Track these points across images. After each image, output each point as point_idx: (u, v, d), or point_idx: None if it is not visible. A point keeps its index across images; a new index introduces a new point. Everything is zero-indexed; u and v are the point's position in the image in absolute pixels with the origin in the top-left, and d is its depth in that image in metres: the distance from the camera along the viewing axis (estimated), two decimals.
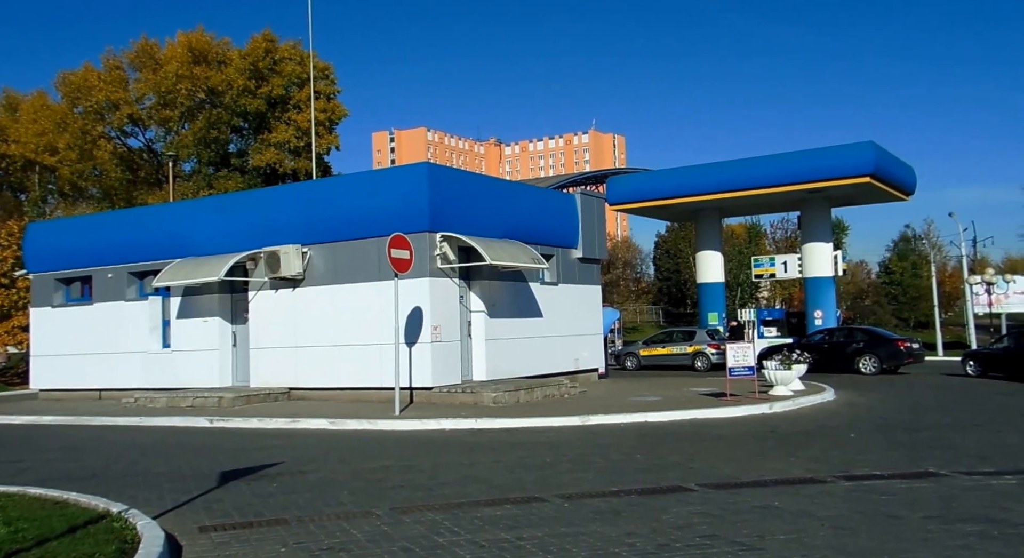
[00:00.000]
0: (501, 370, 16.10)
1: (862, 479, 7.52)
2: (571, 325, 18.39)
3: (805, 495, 6.85)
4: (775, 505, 6.47)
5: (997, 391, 16.65)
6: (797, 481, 7.48)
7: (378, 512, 6.48)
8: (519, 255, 15.70)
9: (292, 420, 12.67)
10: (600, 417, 12.43)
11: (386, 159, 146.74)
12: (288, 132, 35.95)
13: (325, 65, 37.97)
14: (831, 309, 26.36)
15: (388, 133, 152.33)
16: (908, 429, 11.18)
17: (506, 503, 6.73)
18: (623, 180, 29.47)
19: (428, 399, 14.68)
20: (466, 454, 9.60)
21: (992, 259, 61.40)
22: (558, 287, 18.16)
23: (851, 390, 16.97)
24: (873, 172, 23.34)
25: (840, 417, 12.59)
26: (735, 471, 8.06)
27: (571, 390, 16.15)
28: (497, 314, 16.23)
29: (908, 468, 8.04)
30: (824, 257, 26.37)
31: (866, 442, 10.03)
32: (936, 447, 9.51)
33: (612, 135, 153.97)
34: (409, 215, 14.73)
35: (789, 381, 14.87)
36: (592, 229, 19.15)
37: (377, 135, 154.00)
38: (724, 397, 14.29)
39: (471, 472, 8.34)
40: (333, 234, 15.55)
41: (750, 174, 24.89)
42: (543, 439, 10.72)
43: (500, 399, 14.21)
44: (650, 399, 14.79)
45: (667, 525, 5.87)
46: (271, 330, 16.00)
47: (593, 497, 6.92)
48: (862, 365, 21.30)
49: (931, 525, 5.71)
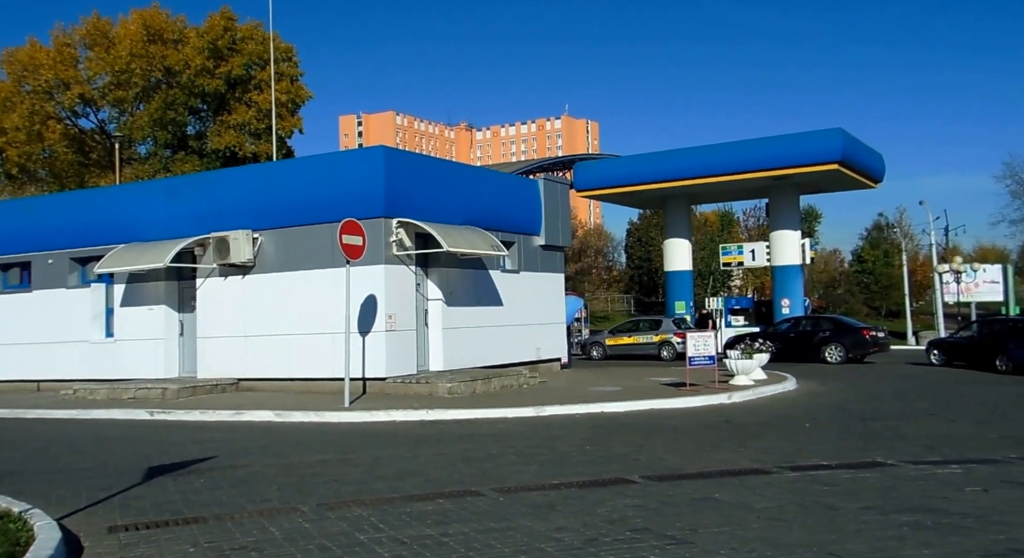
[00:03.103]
0: (459, 360, 15.77)
1: (808, 469, 7.34)
2: (533, 314, 18.09)
3: (747, 486, 6.64)
4: (715, 497, 6.25)
5: (958, 380, 16.71)
6: (742, 472, 7.27)
7: (303, 508, 6.14)
8: (478, 242, 15.35)
9: (236, 412, 12.24)
10: (555, 408, 12.18)
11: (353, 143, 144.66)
12: (249, 114, 35.01)
13: (287, 46, 37.07)
14: (799, 297, 26.39)
15: (356, 117, 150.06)
16: (864, 418, 11.07)
17: (439, 497, 6.42)
18: (590, 166, 29.16)
19: (382, 390, 14.31)
20: (411, 447, 9.28)
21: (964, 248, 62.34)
22: (520, 275, 17.84)
23: (814, 379, 16.92)
24: (841, 159, 23.30)
25: (798, 407, 12.47)
26: (681, 462, 7.84)
27: (530, 380, 15.87)
28: (455, 302, 15.87)
29: (856, 458, 7.88)
30: (792, 245, 26.35)
31: (820, 432, 9.89)
32: (888, 437, 9.39)
33: (585, 121, 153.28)
34: (364, 200, 14.29)
35: (750, 370, 14.74)
36: (555, 216, 18.83)
37: (344, 119, 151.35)
38: (684, 387, 14.11)
39: (411, 465, 8.02)
40: (285, 219, 15.06)
41: (718, 160, 24.74)
42: (494, 431, 10.43)
43: (456, 390, 13.88)
44: (609, 389, 14.57)
45: (600, 519, 5.60)
46: (220, 319, 15.49)
47: (531, 491, 6.64)
48: (828, 354, 21.33)
49: (867, 516, 5.52)
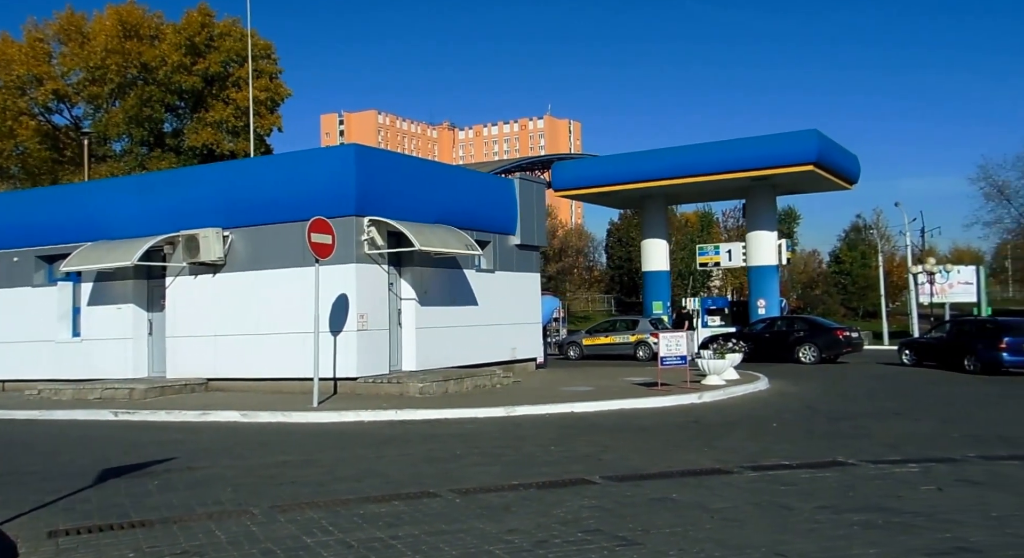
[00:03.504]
0: (432, 360, 15.67)
1: (769, 469, 7.34)
2: (508, 313, 18.03)
3: (707, 486, 6.62)
4: (672, 497, 6.22)
5: (927, 380, 16.87)
6: (703, 472, 7.26)
7: (255, 511, 6.03)
8: (451, 241, 15.26)
9: (202, 412, 12.06)
10: (526, 408, 12.12)
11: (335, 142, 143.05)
12: (227, 111, 34.63)
13: (266, 43, 36.72)
14: (774, 298, 26.53)
15: (337, 116, 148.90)
16: (831, 418, 11.13)
17: (395, 499, 6.33)
18: (568, 166, 29.15)
19: (353, 390, 14.18)
20: (375, 447, 9.18)
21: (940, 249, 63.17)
22: (495, 274, 17.77)
23: (787, 379, 17.01)
24: (816, 160, 23.46)
25: (768, 406, 12.51)
26: (644, 463, 7.81)
27: (504, 380, 15.80)
28: (429, 302, 15.77)
29: (818, 457, 7.90)
30: (768, 246, 26.49)
31: (786, 431, 9.92)
32: (853, 436, 9.43)
33: (568, 121, 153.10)
34: (336, 198, 14.14)
35: (722, 370, 14.77)
36: (531, 215, 18.79)
37: (326, 117, 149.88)
38: (656, 387, 14.12)
39: (372, 466, 7.93)
40: (256, 217, 14.88)
41: (695, 161, 24.82)
42: (462, 431, 10.36)
43: (427, 390, 13.78)
44: (582, 389, 14.54)
45: (555, 520, 5.55)
46: (189, 318, 15.28)
47: (489, 492, 6.57)
48: (802, 354, 21.46)
49: (821, 515, 5.52)
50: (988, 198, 41.90)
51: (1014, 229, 43.59)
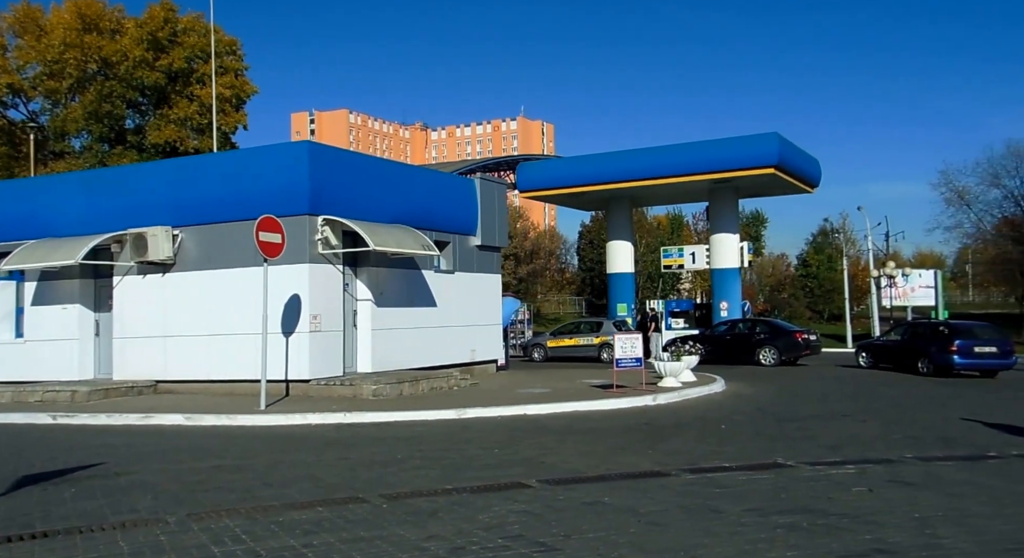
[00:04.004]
0: (389, 362, 15.46)
1: (707, 471, 7.29)
2: (468, 315, 17.88)
3: (641, 489, 6.54)
4: (604, 501, 6.12)
5: (880, 382, 17.07)
6: (642, 475, 7.19)
7: (169, 519, 5.80)
8: (408, 241, 15.07)
9: (145, 416, 11.72)
10: (477, 410, 11.99)
11: None
12: (191, 108, 33.99)
13: (231, 39, 36.17)
14: (737, 300, 26.71)
15: (308, 114, 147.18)
16: (780, 420, 11.17)
17: (321, 505, 6.15)
18: (533, 167, 29.07)
19: (305, 392, 13.92)
20: (316, 451, 8.97)
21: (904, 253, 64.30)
22: (454, 275, 17.61)
23: (744, 381, 17.09)
24: (777, 163, 23.66)
25: (721, 408, 12.52)
26: (585, 465, 7.72)
27: (461, 382, 15.64)
28: (386, 303, 15.56)
29: (758, 459, 7.88)
30: (731, 248, 26.67)
31: (733, 433, 9.90)
32: (798, 438, 9.45)
33: (541, 122, 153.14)
34: (288, 196, 13.88)
35: (678, 372, 14.78)
36: (492, 216, 18.66)
37: (297, 116, 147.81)
38: (612, 389, 14.07)
39: (308, 471, 7.72)
40: (207, 216, 14.55)
41: (658, 163, 24.89)
42: (409, 434, 10.19)
43: (381, 392, 13.58)
44: (538, 391, 14.45)
45: (479, 526, 5.42)
46: (138, 318, 14.88)
47: (420, 496, 6.42)
48: (762, 357, 21.60)
49: (747, 518, 5.47)
50: (949, 203, 42.69)
51: (973, 234, 44.48)
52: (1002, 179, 40.00)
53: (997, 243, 43.39)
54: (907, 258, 67.04)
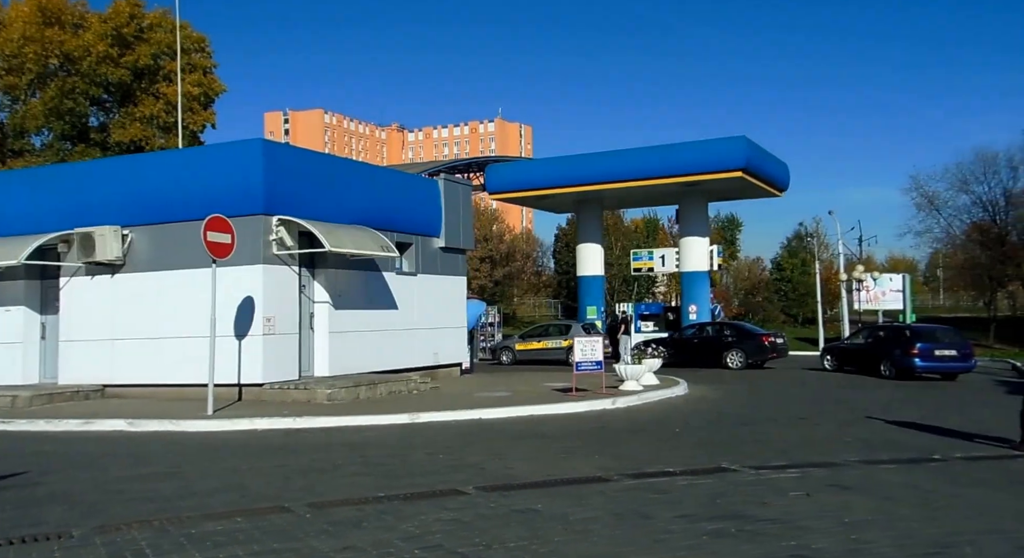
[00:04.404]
0: (347, 365, 15.17)
1: (650, 476, 7.14)
2: (431, 318, 17.63)
3: (577, 496, 6.37)
4: (536, 508, 5.94)
5: (842, 385, 17.09)
6: (582, 480, 7.01)
7: (74, 533, 5.50)
8: (366, 242, 14.79)
9: (86, 421, 11.34)
10: (431, 415, 11.76)
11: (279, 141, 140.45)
12: (157, 106, 33.33)
13: (200, 36, 35.55)
14: (706, 303, 26.74)
15: (282, 114, 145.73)
16: (736, 423, 11.07)
17: (240, 515, 5.89)
18: (501, 169, 28.89)
19: (258, 396, 13.59)
20: (255, 458, 8.69)
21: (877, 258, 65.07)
22: (416, 278, 17.36)
23: (708, 384, 17.02)
24: (745, 167, 23.71)
25: (679, 412, 12.41)
26: (528, 471, 7.53)
27: (421, 386, 15.40)
28: (344, 305, 15.27)
29: (704, 464, 7.75)
30: (700, 251, 26.68)
31: (686, 437, 9.79)
32: (750, 441, 9.35)
33: (519, 124, 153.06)
34: (242, 196, 13.56)
35: (639, 375, 14.66)
36: (456, 217, 18.45)
37: (270, 116, 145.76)
38: (572, 392, 13.91)
39: (238, 479, 7.45)
40: (158, 215, 14.18)
41: (627, 166, 24.85)
42: (356, 439, 9.93)
43: (336, 396, 13.29)
44: (498, 395, 14.24)
45: (399, 535, 5.20)
46: (85, 321, 14.45)
47: (348, 505, 6.19)
48: (729, 360, 21.58)
49: (677, 525, 5.32)
50: (919, 208, 43.13)
51: (943, 239, 45.03)
52: (971, 185, 40.57)
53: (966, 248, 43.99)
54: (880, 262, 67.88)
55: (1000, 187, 39.79)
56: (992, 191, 40.17)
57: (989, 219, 40.80)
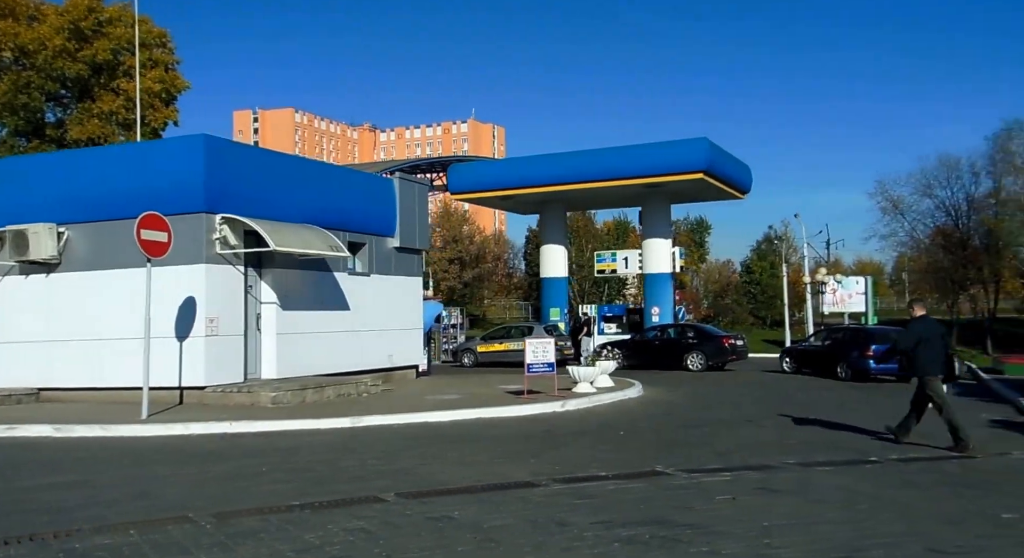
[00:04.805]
0: (296, 367, 14.77)
1: (580, 481, 6.93)
2: (385, 319, 17.29)
3: (498, 502, 6.14)
4: (452, 516, 5.69)
5: (798, 387, 17.08)
6: (510, 486, 6.78)
7: None
8: (315, 241, 14.43)
9: (9, 427, 10.83)
10: (376, 418, 11.45)
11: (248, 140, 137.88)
12: (116, 102, 32.51)
13: (162, 31, 34.80)
14: (669, 305, 26.70)
15: (251, 112, 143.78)
16: (683, 425, 10.93)
17: (136, 527, 5.55)
18: (464, 168, 28.59)
19: (201, 399, 13.16)
20: (179, 464, 8.32)
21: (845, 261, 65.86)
22: (370, 278, 17.01)
23: (665, 386, 16.91)
24: (706, 169, 23.69)
25: (628, 414, 12.24)
26: (459, 476, 7.27)
27: (372, 389, 15.06)
28: (293, 306, 14.89)
29: (639, 468, 7.56)
30: (663, 253, 26.65)
31: (629, 440, 9.60)
32: (693, 444, 9.19)
33: (492, 125, 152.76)
34: (184, 193, 13.13)
35: (592, 377, 14.48)
36: (412, 216, 18.14)
37: (239, 114, 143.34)
38: (524, 395, 13.68)
39: (151, 487, 7.09)
40: (96, 213, 13.68)
41: (589, 167, 24.72)
42: (292, 444, 9.59)
43: (281, 399, 12.91)
44: (449, 397, 13.97)
45: (298, 547, 4.93)
46: (18, 322, 13.89)
47: (257, 514, 5.88)
48: (690, 362, 21.51)
49: (591, 532, 5.13)
50: (884, 212, 43.66)
51: (907, 242, 45.68)
52: (934, 190, 41.18)
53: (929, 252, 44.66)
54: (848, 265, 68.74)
55: (962, 192, 40.46)
56: (955, 196, 40.83)
57: (952, 223, 41.45)
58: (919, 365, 8.72)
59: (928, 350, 8.65)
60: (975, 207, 40.06)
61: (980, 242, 39.56)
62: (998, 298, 41.48)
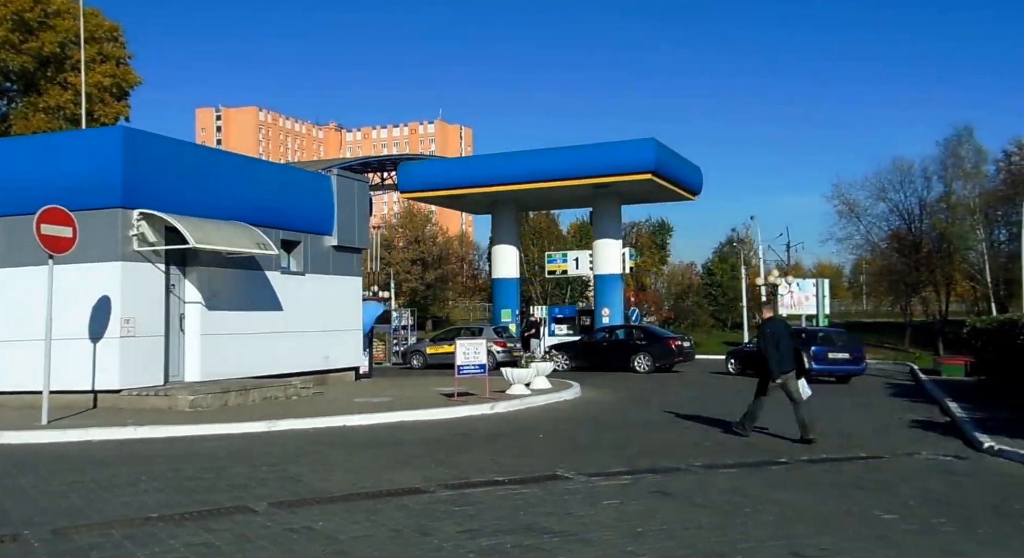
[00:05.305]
0: (222, 370, 14.25)
1: (472, 487, 6.64)
2: (322, 320, 16.83)
3: (374, 510, 5.82)
4: (315, 527, 5.35)
5: (738, 388, 16.97)
6: (395, 493, 6.46)
7: None
8: (241, 239, 13.94)
9: None
10: (292, 422, 11.03)
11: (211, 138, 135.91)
12: (64, 96, 31.60)
13: (113, 25, 33.93)
14: (619, 306, 26.59)
15: (214, 110, 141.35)
16: (608, 427, 10.73)
17: None
18: (413, 167, 28.17)
19: (116, 403, 12.60)
20: (54, 473, 7.80)
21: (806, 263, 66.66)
22: (305, 277, 16.55)
23: (606, 388, 16.71)
24: (654, 169, 23.60)
25: (555, 417, 11.99)
26: (344, 483, 6.93)
27: (302, 392, 14.59)
28: (220, 306, 14.37)
29: (541, 471, 7.31)
30: (613, 254, 26.53)
31: (546, 443, 9.34)
32: (608, 446, 8.97)
33: (459, 126, 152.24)
34: (99, 187, 12.58)
35: (527, 379, 14.22)
36: (351, 215, 17.70)
37: (202, 111, 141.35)
38: (455, 396, 13.35)
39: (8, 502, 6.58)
40: (6, 207, 13.04)
41: (539, 167, 24.50)
42: (193, 450, 9.13)
43: (200, 403, 12.41)
44: (377, 401, 13.58)
45: None
46: None
47: (103, 529, 5.46)
48: (637, 363, 21.37)
49: (453, 542, 4.88)
50: (841, 216, 44.24)
51: (862, 245, 46.33)
52: (888, 193, 41.80)
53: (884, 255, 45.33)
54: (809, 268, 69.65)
55: (915, 196, 41.11)
56: (908, 200, 41.49)
57: (905, 227, 42.11)
58: (775, 364, 9.23)
59: (782, 349, 9.19)
60: (927, 211, 40.74)
61: (933, 245, 40.22)
62: (949, 300, 42.20)
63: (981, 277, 38.22)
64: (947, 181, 39.31)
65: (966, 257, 39.11)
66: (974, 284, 40.44)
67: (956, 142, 38.56)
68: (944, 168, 39.24)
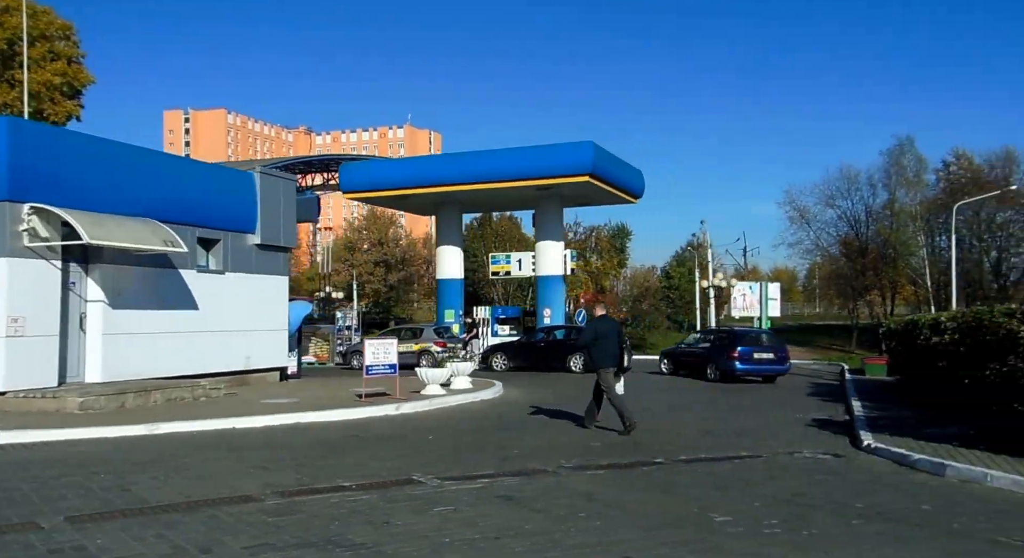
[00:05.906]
0: (128, 370, 13.72)
1: (309, 494, 6.32)
2: (243, 319, 16.34)
3: (180, 523, 5.48)
4: (87, 546, 4.97)
5: (664, 388, 16.95)
6: (223, 502, 6.10)
7: None
8: (145, 236, 13.43)
9: None
10: (177, 425, 10.58)
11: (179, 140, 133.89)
12: (11, 94, 30.87)
13: (66, 24, 33.37)
14: (560, 307, 26.45)
15: (182, 113, 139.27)
16: (505, 428, 10.52)
17: None
18: (355, 167, 27.75)
19: (1, 406, 12.02)
20: None
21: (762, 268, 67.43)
22: (225, 276, 16.06)
23: (532, 388, 16.49)
24: (592, 172, 23.50)
25: (460, 418, 11.72)
26: (175, 493, 6.44)
27: (212, 393, 14.11)
28: (126, 305, 13.84)
29: (396, 476, 7.00)
30: (555, 256, 26.41)
31: (432, 446, 9.05)
32: (489, 448, 8.73)
33: (428, 131, 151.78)
34: None
35: (441, 379, 13.94)
36: (276, 213, 17.25)
37: (170, 114, 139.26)
38: (365, 397, 13.01)
39: None
40: None
41: (480, 168, 24.27)
42: (51, 456, 8.59)
43: (92, 405, 11.87)
44: (284, 401, 13.17)
45: None
46: None
47: None
48: (572, 364, 21.19)
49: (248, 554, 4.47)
50: (792, 221, 44.79)
51: (812, 250, 46.96)
52: (836, 200, 42.43)
53: (833, 259, 46.00)
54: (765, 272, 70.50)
55: (862, 203, 41.82)
56: (855, 207, 42.19)
57: (852, 233, 42.76)
58: (595, 359, 9.99)
59: (604, 346, 9.85)
60: (873, 217, 41.47)
61: (878, 251, 40.90)
62: (894, 304, 42.92)
63: (922, 281, 38.94)
64: (891, 189, 40.11)
65: (909, 262, 39.83)
66: (916, 288, 41.19)
67: (899, 151, 39.34)
68: (888, 176, 40.04)
